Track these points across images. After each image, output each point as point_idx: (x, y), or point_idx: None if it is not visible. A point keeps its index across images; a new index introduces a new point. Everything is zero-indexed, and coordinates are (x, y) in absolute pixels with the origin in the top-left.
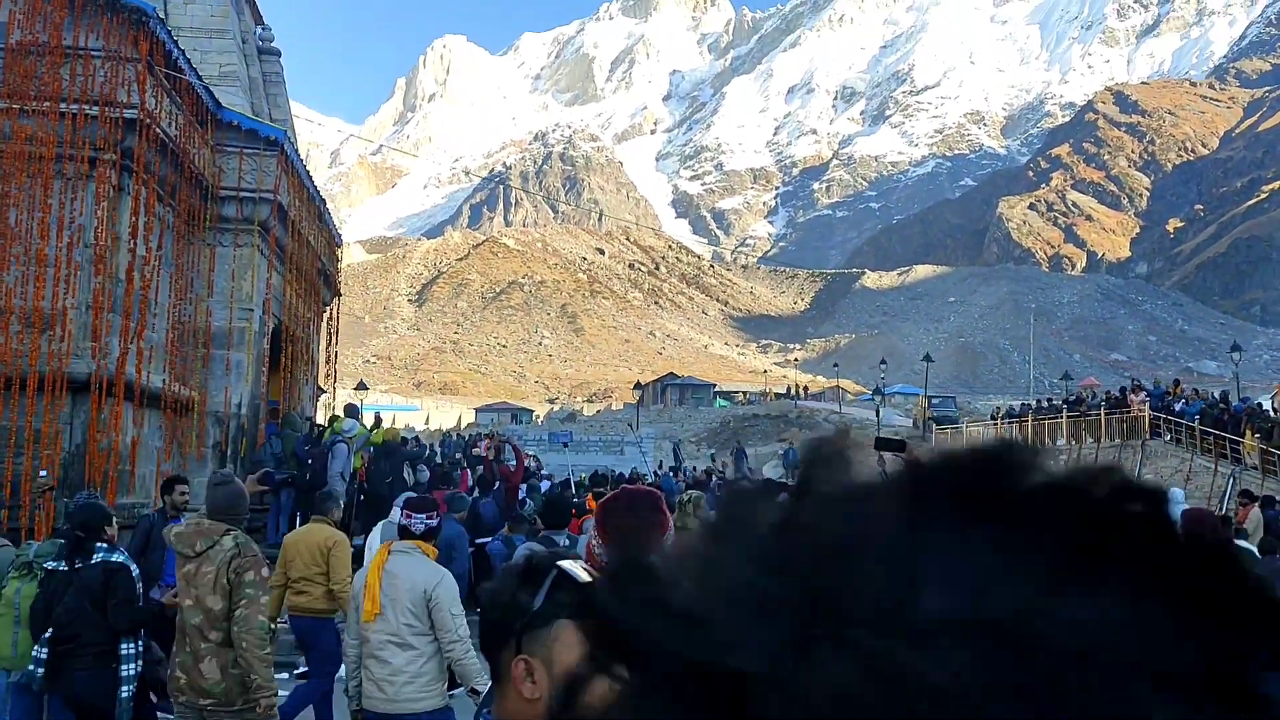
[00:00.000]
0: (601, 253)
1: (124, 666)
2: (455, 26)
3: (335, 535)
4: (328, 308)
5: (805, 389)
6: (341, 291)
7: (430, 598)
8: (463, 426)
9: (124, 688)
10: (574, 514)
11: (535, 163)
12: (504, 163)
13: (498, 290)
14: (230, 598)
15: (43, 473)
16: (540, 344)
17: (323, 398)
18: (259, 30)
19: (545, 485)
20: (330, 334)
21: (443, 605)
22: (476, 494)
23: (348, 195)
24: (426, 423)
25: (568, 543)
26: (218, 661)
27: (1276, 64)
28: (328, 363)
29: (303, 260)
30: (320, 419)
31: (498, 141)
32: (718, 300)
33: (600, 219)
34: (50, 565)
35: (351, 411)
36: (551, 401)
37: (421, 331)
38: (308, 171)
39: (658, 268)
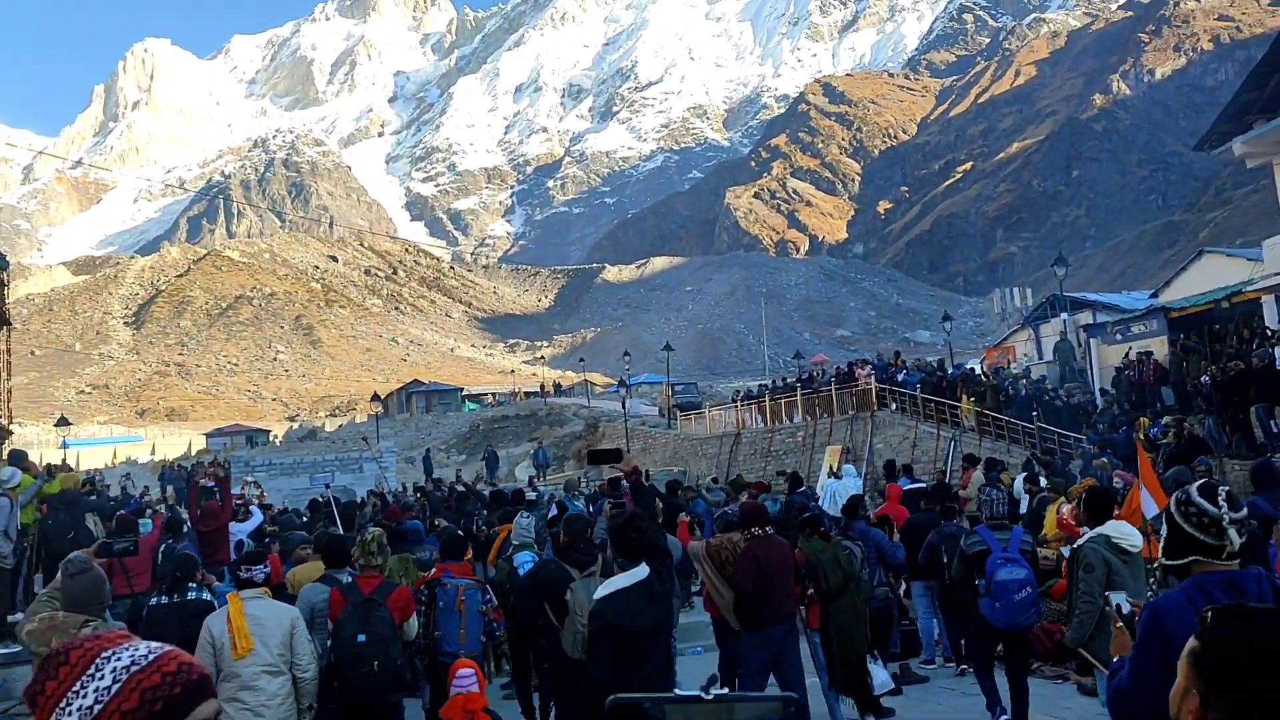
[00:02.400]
0: (335, 260)
1: None
2: (156, 29)
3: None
4: None
5: (557, 385)
6: (11, 321)
7: (293, 630)
8: (194, 454)
9: None
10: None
11: (257, 170)
12: (222, 172)
13: (224, 306)
14: None
15: None
16: (275, 359)
17: (7, 441)
18: None
19: (258, 516)
20: (2, 369)
21: (302, 635)
22: (170, 540)
23: (46, 213)
24: (153, 453)
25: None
26: None
27: (960, 55)
28: (3, 401)
29: None
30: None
31: (214, 150)
32: (461, 302)
33: (331, 225)
34: None
35: (16, 459)
36: (292, 419)
37: (142, 355)
38: None
39: (395, 272)
